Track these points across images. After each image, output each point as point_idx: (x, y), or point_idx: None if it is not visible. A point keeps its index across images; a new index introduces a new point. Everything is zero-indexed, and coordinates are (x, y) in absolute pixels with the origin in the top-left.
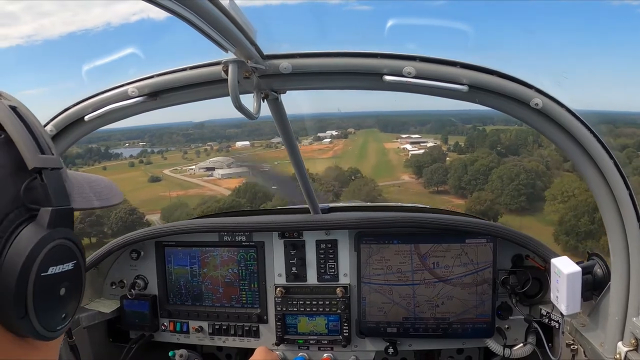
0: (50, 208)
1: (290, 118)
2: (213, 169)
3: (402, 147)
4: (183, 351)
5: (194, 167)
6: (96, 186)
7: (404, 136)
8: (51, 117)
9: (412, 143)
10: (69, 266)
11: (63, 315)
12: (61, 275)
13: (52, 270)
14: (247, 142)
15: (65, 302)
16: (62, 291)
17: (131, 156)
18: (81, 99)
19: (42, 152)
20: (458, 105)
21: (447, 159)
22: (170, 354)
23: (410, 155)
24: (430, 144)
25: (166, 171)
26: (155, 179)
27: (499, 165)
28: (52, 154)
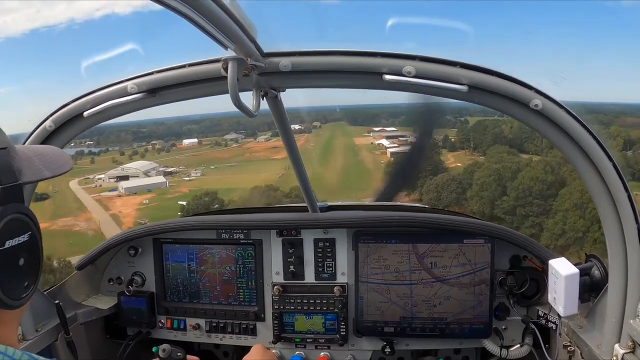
0: None
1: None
2: (126, 177)
3: (377, 142)
4: (166, 346)
5: (102, 176)
6: (45, 157)
7: (376, 129)
8: (50, 112)
9: (389, 137)
10: (24, 238)
11: (25, 284)
12: (18, 247)
13: (8, 243)
14: (194, 140)
15: (25, 271)
16: (21, 261)
17: None
18: (80, 95)
19: None
20: (431, 97)
21: (448, 161)
22: (153, 349)
23: (389, 153)
24: (411, 139)
25: (73, 182)
26: (40, 197)
27: (561, 179)
28: None
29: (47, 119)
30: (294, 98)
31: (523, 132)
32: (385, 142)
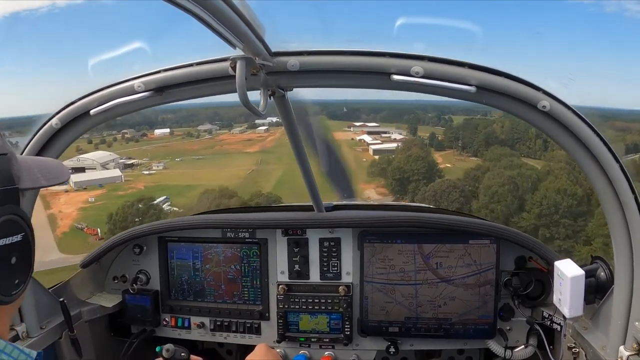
0: None
1: (232, 105)
2: (82, 170)
3: (358, 138)
4: (169, 345)
5: None
6: (44, 167)
7: (357, 124)
8: (56, 110)
9: (370, 133)
10: (17, 238)
11: (16, 282)
12: (11, 246)
13: (2, 242)
14: (166, 130)
15: (16, 269)
16: (13, 260)
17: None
18: (87, 93)
19: None
20: (415, 95)
21: (439, 163)
22: (157, 349)
23: (372, 151)
24: (395, 136)
25: None
26: None
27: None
28: None
29: (53, 117)
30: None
31: (515, 133)
32: (367, 138)
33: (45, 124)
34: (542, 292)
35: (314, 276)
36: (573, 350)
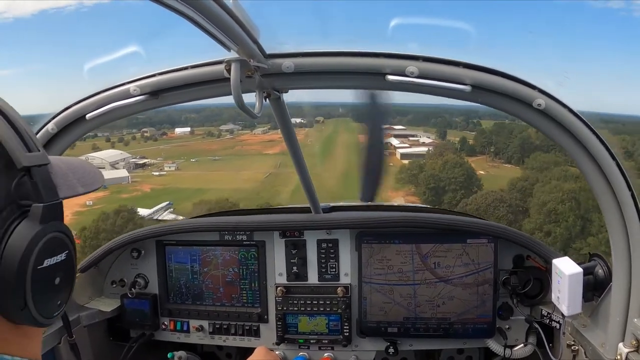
0: (41, 204)
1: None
2: None
3: (385, 141)
4: (182, 353)
5: None
6: (78, 172)
7: (384, 126)
8: (53, 114)
9: (398, 137)
10: (62, 257)
11: (58, 303)
12: (56, 266)
13: (47, 262)
14: (187, 129)
15: (60, 290)
16: (57, 280)
17: None
18: (83, 97)
19: (29, 150)
20: (440, 98)
21: (479, 169)
22: (169, 355)
23: (399, 155)
24: (423, 139)
25: None
26: None
27: None
28: (39, 150)
29: (49, 121)
30: (297, 92)
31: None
32: (394, 141)
33: (41, 128)
34: (540, 291)
35: (312, 278)
36: (572, 347)
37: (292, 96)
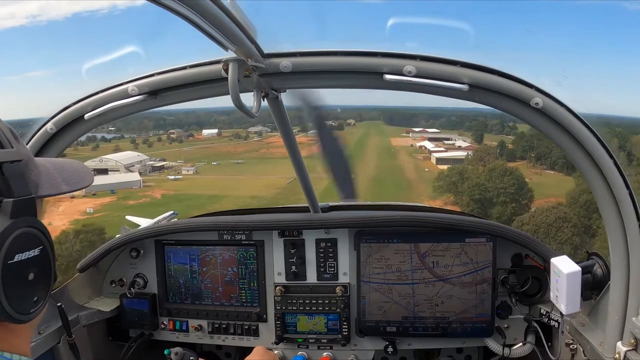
0: (11, 199)
1: (291, 110)
2: (105, 171)
3: (418, 145)
4: (178, 349)
5: None
6: (65, 171)
7: (417, 130)
8: (52, 114)
9: (432, 140)
10: (35, 252)
11: (34, 299)
12: (28, 262)
13: (18, 257)
14: (214, 131)
15: (34, 286)
16: (31, 276)
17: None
18: (81, 97)
19: (2, 147)
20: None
21: (530, 176)
22: (165, 352)
23: (434, 159)
24: (459, 143)
25: None
26: None
27: None
28: (12, 148)
29: (48, 121)
30: (328, 96)
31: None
32: (428, 144)
33: (40, 128)
34: (539, 290)
35: (311, 277)
36: (571, 346)
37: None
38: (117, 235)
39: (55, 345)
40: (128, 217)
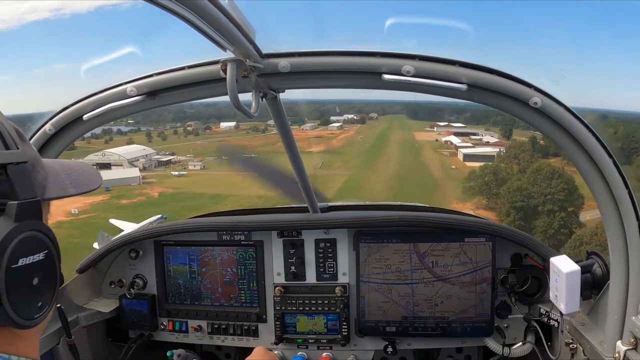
0: (16, 202)
1: (307, 102)
2: (108, 166)
3: (444, 139)
4: (181, 351)
5: None
6: (73, 173)
7: (442, 124)
8: (51, 115)
9: (457, 135)
10: (39, 256)
11: (39, 304)
12: (32, 266)
13: (22, 261)
14: (232, 124)
15: (39, 291)
16: (35, 281)
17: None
18: (80, 98)
19: (7, 148)
20: None
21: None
22: (168, 353)
23: (462, 156)
24: (487, 138)
25: None
26: None
27: None
28: (17, 149)
29: (46, 122)
30: (345, 90)
31: (632, 141)
32: (454, 139)
33: (39, 129)
34: (538, 289)
35: (311, 277)
36: (571, 346)
37: (340, 93)
38: (94, 244)
39: (55, 346)
40: (112, 221)
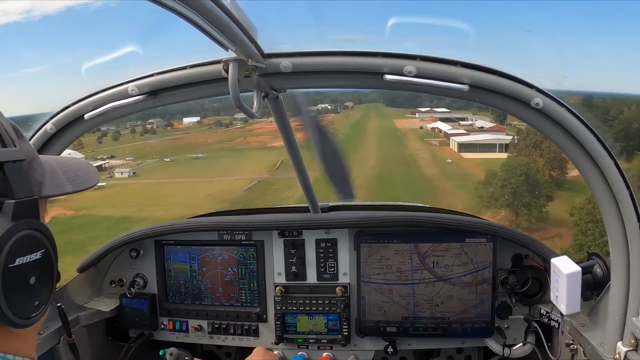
0: (13, 201)
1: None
2: None
3: (430, 126)
4: (173, 349)
5: None
6: (70, 170)
7: (423, 109)
8: (52, 114)
9: (446, 120)
10: (36, 255)
11: (36, 303)
12: (29, 265)
13: (19, 260)
14: (195, 119)
15: (36, 290)
16: (32, 280)
17: None
18: (81, 97)
19: (4, 145)
20: None
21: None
22: (160, 353)
23: (455, 145)
24: (480, 124)
25: None
26: None
27: None
28: (15, 146)
29: (47, 121)
30: None
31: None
32: (443, 126)
33: (39, 128)
34: (539, 290)
35: (311, 277)
36: (571, 347)
37: None
38: None
39: (55, 346)
40: None
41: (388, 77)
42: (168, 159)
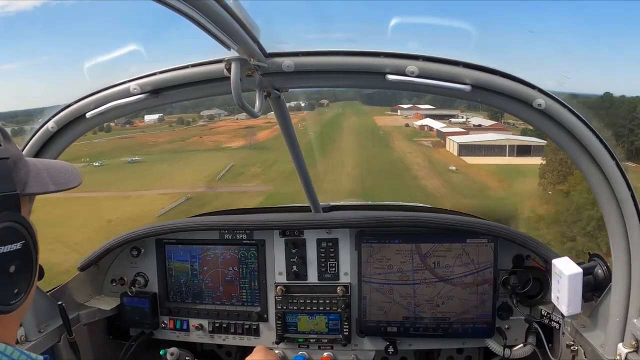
0: None
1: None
2: None
3: (418, 124)
4: (174, 349)
5: None
6: (54, 171)
7: (405, 106)
8: (53, 113)
9: (435, 117)
10: (16, 246)
11: (15, 291)
12: (9, 254)
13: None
14: (155, 117)
15: (15, 278)
16: (12, 269)
17: None
18: (83, 96)
19: None
20: None
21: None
22: (161, 352)
23: (455, 148)
24: (476, 121)
25: None
26: None
27: None
28: (0, 146)
29: (49, 120)
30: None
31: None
32: (435, 123)
33: (41, 127)
34: (540, 291)
35: (312, 277)
36: (572, 348)
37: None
38: None
39: (56, 344)
40: None
41: (390, 77)
42: (97, 164)
